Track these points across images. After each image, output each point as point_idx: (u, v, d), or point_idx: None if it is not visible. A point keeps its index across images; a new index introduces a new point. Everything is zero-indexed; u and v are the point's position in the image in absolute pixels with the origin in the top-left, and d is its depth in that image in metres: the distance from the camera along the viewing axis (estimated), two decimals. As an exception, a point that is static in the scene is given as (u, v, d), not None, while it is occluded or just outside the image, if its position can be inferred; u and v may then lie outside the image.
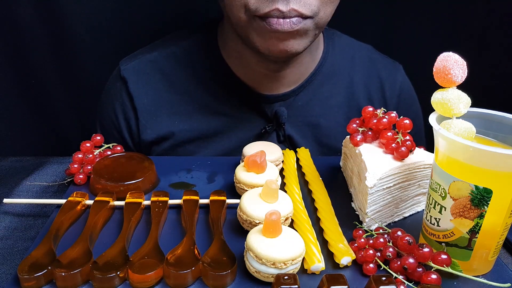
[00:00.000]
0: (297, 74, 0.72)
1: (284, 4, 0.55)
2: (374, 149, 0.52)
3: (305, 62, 0.71)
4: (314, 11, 0.58)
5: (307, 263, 0.42)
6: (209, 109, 0.71)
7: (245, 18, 0.59)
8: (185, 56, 0.71)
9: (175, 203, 0.51)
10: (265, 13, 0.56)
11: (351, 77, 0.76)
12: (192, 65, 0.71)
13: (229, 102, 0.71)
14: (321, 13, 0.59)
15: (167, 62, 0.71)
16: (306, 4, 0.56)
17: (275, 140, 0.73)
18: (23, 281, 0.38)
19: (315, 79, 0.73)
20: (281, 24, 0.56)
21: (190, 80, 0.71)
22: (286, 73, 0.70)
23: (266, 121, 0.72)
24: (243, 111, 0.71)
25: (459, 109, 0.41)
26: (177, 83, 0.71)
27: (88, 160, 0.57)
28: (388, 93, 0.78)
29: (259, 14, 0.56)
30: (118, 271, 0.39)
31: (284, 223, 0.47)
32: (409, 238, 0.42)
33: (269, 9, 0.55)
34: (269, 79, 0.70)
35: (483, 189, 0.38)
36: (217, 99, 0.71)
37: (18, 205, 0.53)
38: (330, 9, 0.60)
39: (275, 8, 0.55)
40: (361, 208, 0.50)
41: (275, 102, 0.71)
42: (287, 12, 0.55)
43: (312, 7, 0.57)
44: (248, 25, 0.59)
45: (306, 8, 0.56)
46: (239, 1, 0.57)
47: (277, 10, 0.55)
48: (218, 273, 0.39)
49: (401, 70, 0.80)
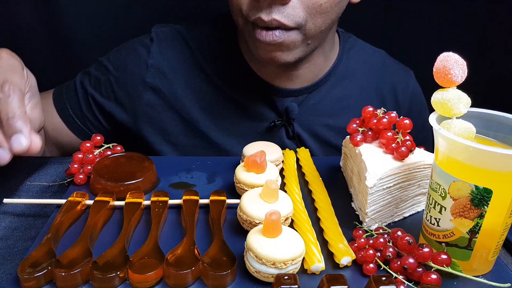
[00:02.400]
0: (310, 73, 0.72)
1: (266, 13, 0.56)
2: (374, 149, 0.52)
3: (318, 63, 0.72)
4: (299, 22, 0.57)
5: (307, 263, 0.42)
6: (222, 93, 0.72)
7: (241, 22, 0.61)
8: (209, 41, 0.73)
9: (175, 203, 0.51)
10: (252, 20, 0.58)
11: (364, 81, 0.77)
12: (213, 50, 0.73)
13: (242, 90, 0.72)
14: (309, 24, 0.58)
15: (194, 40, 0.73)
16: (290, 15, 0.56)
17: (284, 136, 0.74)
18: (23, 281, 0.38)
19: (328, 79, 0.74)
20: (263, 36, 0.58)
21: (209, 62, 0.72)
22: (298, 73, 0.71)
23: (277, 115, 0.73)
24: (255, 101, 0.72)
25: (459, 109, 0.41)
26: (198, 60, 0.72)
27: (88, 160, 0.57)
28: (400, 97, 0.79)
29: (250, 20, 0.58)
30: (118, 271, 0.39)
31: (284, 223, 0.47)
32: (409, 238, 0.42)
33: (254, 17, 0.57)
34: (281, 77, 0.71)
35: (483, 189, 0.38)
36: (231, 85, 0.72)
37: (18, 205, 0.53)
38: (321, 20, 0.59)
39: (258, 17, 0.57)
40: (361, 208, 0.50)
41: (287, 97, 0.72)
42: (269, 22, 0.56)
43: (297, 19, 0.57)
44: (244, 29, 0.62)
45: (289, 20, 0.56)
46: (236, 6, 0.59)
47: (259, 19, 0.57)
48: (218, 273, 0.39)
49: (412, 75, 0.81)
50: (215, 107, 0.72)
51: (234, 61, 0.72)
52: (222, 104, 0.72)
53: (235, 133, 0.73)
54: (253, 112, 0.73)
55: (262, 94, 0.72)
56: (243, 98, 0.72)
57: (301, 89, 0.72)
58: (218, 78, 0.72)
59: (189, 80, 0.72)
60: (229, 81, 0.72)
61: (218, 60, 0.72)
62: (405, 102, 0.79)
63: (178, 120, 0.72)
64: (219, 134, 0.73)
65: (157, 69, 0.72)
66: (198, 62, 0.72)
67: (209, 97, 0.72)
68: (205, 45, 0.73)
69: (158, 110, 0.72)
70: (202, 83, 0.72)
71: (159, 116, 0.72)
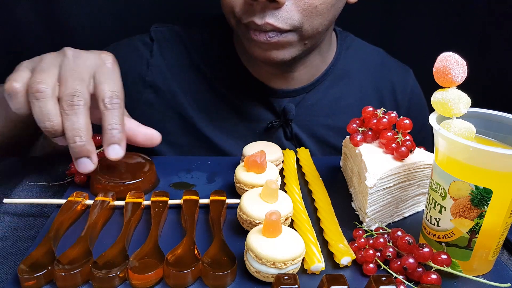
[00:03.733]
0: (307, 74, 0.72)
1: (260, 17, 0.56)
2: (374, 149, 0.52)
3: (315, 63, 0.72)
4: (294, 25, 0.57)
5: (307, 263, 0.42)
6: (219, 94, 0.72)
7: (234, 24, 0.61)
8: (205, 43, 0.73)
9: (175, 203, 0.51)
10: (245, 23, 0.58)
11: (362, 80, 0.76)
12: (210, 52, 0.73)
13: (240, 92, 0.72)
14: (305, 26, 0.58)
15: (191, 41, 0.73)
16: (284, 18, 0.56)
17: (282, 137, 0.74)
18: (23, 281, 0.38)
19: (325, 79, 0.74)
20: (257, 36, 0.58)
21: (206, 64, 0.72)
22: (294, 74, 0.71)
23: (275, 116, 0.73)
24: (252, 103, 0.72)
25: (459, 109, 0.41)
26: (195, 62, 0.72)
27: None
28: (399, 96, 0.78)
29: (243, 23, 0.58)
30: (118, 271, 0.39)
31: (284, 223, 0.47)
32: (409, 238, 0.42)
33: (247, 20, 0.57)
34: (278, 78, 0.71)
35: (483, 189, 0.38)
36: (228, 87, 0.72)
37: (18, 205, 0.53)
38: (318, 21, 0.59)
39: (251, 20, 0.57)
40: (361, 208, 0.50)
41: (285, 97, 0.72)
42: (262, 25, 0.56)
43: (291, 21, 0.56)
44: (238, 31, 0.62)
45: (283, 23, 0.56)
46: (229, 8, 0.59)
47: (253, 22, 0.57)
48: (218, 273, 0.39)
49: (411, 74, 0.81)
50: (212, 108, 0.72)
51: (230, 63, 0.72)
52: (219, 106, 0.72)
53: (233, 135, 0.73)
54: (251, 113, 0.72)
55: (259, 96, 0.72)
56: (240, 99, 0.72)
57: (298, 90, 0.72)
58: (215, 79, 0.72)
59: (187, 81, 0.72)
60: (226, 83, 0.72)
61: (215, 62, 0.72)
62: (404, 100, 0.79)
63: (177, 120, 0.72)
64: (217, 135, 0.72)
65: (158, 68, 0.72)
66: (195, 64, 0.72)
67: (207, 99, 0.72)
68: (202, 46, 0.73)
69: (157, 109, 0.72)
70: (200, 84, 0.72)
71: (158, 116, 0.72)
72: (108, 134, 0.48)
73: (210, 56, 0.72)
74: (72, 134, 0.45)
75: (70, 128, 0.45)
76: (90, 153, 0.47)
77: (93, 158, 0.48)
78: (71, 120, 0.45)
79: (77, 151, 0.46)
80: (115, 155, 0.48)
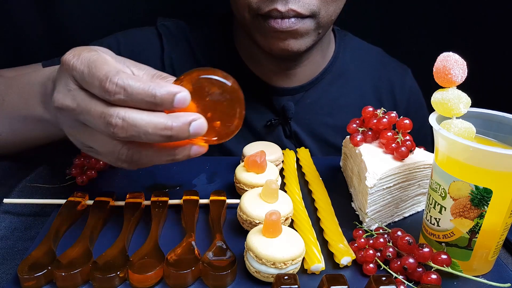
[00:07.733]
0: (307, 71, 0.73)
1: (283, 4, 0.56)
2: (374, 149, 0.52)
3: (316, 61, 0.72)
4: (314, 10, 0.58)
5: (307, 263, 0.42)
6: None
7: (248, 17, 0.61)
8: (206, 40, 0.73)
9: (175, 203, 0.51)
10: (266, 12, 0.58)
11: (361, 79, 0.77)
12: (211, 50, 0.73)
13: None
14: (322, 12, 0.59)
15: (194, 38, 0.74)
16: (305, 4, 0.57)
17: (282, 135, 0.74)
18: (23, 281, 0.38)
19: (324, 77, 0.74)
20: (279, 24, 0.58)
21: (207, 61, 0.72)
22: (296, 72, 0.71)
23: (274, 114, 0.73)
24: (252, 101, 0.72)
25: (459, 109, 0.41)
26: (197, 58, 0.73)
27: (89, 164, 0.56)
28: (398, 96, 0.79)
29: (261, 13, 0.58)
30: (118, 271, 0.39)
31: (284, 223, 0.47)
32: (409, 238, 0.42)
33: (269, 8, 0.57)
34: (279, 76, 0.71)
35: (483, 189, 0.38)
36: None
37: (18, 205, 0.53)
38: (332, 8, 0.60)
39: (274, 8, 0.57)
40: (361, 208, 0.50)
41: (284, 95, 0.72)
42: (286, 12, 0.57)
43: (311, 7, 0.58)
44: (251, 24, 0.61)
45: (305, 8, 0.57)
46: (243, 1, 0.59)
47: (276, 10, 0.57)
48: (218, 273, 0.39)
49: (409, 73, 0.81)
50: None
51: (230, 61, 0.72)
52: None
53: None
54: (250, 111, 0.72)
55: (259, 93, 0.72)
56: None
57: (297, 88, 0.72)
58: None
59: None
60: None
61: (215, 60, 0.73)
62: (403, 99, 0.79)
63: None
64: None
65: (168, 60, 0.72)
66: (198, 60, 0.73)
67: None
68: (204, 43, 0.73)
69: None
70: None
71: None
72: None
73: (212, 53, 0.73)
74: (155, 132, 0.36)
75: None
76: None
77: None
78: None
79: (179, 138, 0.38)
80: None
